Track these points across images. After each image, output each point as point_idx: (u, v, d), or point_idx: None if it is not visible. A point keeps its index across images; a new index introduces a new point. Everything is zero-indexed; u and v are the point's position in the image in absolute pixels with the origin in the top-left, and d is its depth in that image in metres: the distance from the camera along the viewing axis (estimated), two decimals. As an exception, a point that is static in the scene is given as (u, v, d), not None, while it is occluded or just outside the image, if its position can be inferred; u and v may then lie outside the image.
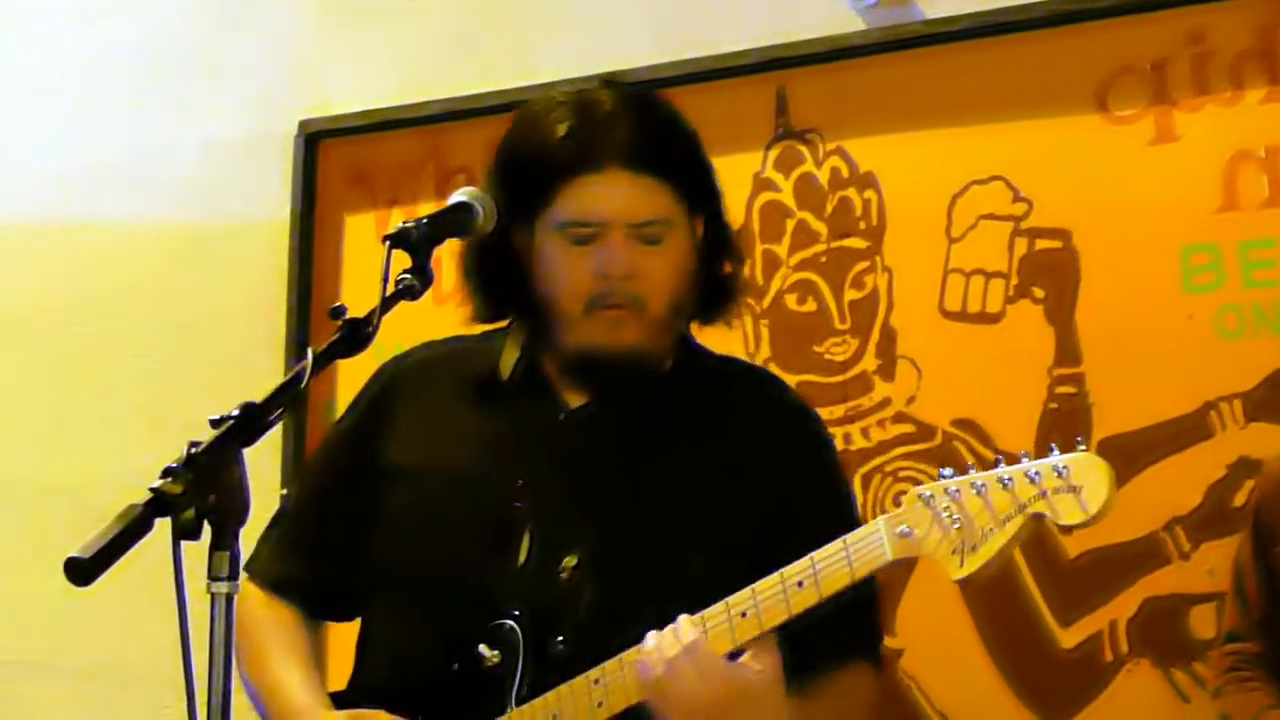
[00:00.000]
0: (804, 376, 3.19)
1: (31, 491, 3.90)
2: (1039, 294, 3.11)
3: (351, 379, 2.55)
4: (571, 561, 2.23)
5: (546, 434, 2.33)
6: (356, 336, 1.96)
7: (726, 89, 3.36)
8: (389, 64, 3.75)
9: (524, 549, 2.25)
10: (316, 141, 3.78)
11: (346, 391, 2.59)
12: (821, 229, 3.30)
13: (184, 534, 1.70)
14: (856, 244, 3.26)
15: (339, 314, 1.97)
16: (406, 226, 2.08)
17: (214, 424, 1.78)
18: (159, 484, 1.71)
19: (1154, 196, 3.02)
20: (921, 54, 3.22)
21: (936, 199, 3.20)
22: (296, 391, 1.87)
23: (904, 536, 2.02)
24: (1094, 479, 1.95)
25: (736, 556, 2.18)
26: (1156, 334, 2.99)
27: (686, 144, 2.33)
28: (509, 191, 2.27)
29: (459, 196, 2.21)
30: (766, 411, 2.38)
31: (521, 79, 3.43)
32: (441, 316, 2.49)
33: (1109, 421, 2.98)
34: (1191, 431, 2.95)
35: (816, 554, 2.06)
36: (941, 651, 3.08)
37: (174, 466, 1.72)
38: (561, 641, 2.20)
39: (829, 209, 3.29)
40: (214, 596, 1.74)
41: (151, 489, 1.71)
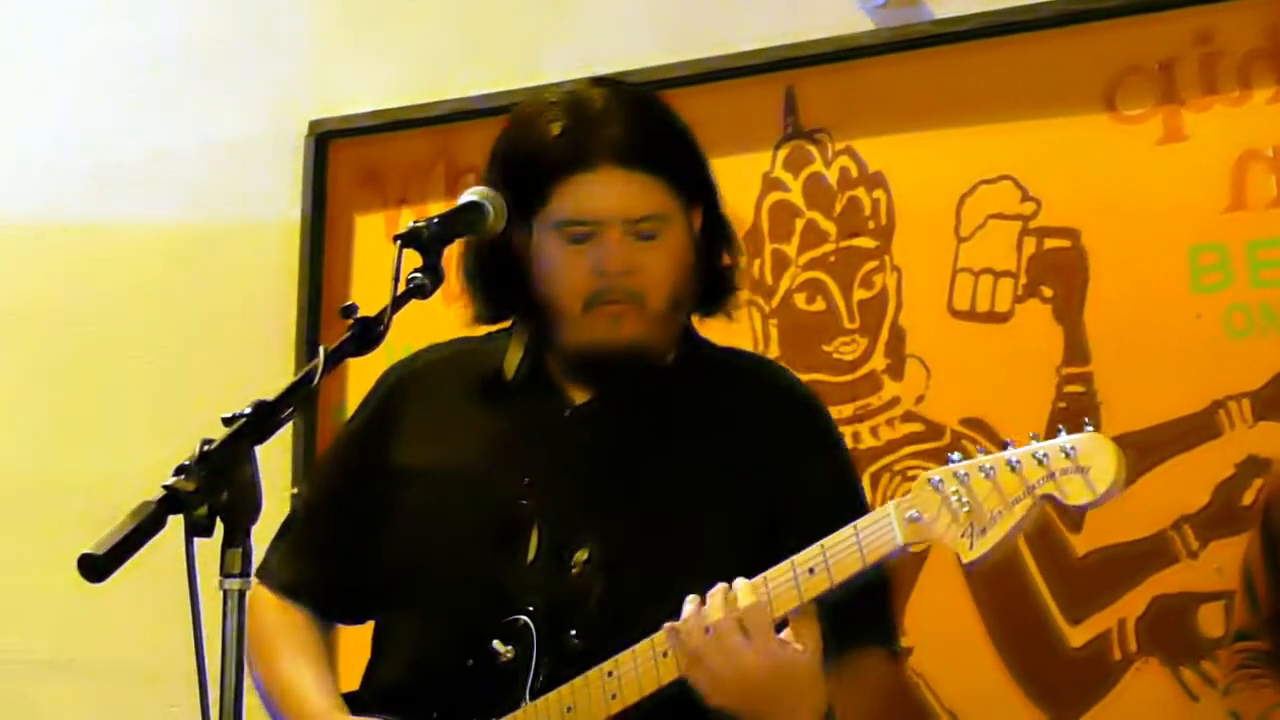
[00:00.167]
0: (813, 376, 3.19)
1: (42, 491, 3.90)
2: (1047, 293, 3.11)
3: (362, 378, 2.55)
4: (582, 556, 2.23)
5: (552, 431, 2.33)
6: (368, 335, 1.95)
7: (735, 89, 3.36)
8: (399, 64, 3.76)
9: (533, 545, 2.25)
10: (327, 142, 3.78)
11: (357, 391, 2.60)
12: (830, 228, 3.30)
13: (197, 531, 1.71)
14: (865, 243, 3.27)
15: (350, 313, 1.97)
16: (418, 226, 2.08)
17: (226, 422, 1.79)
18: (172, 481, 1.71)
19: (1162, 196, 3.03)
20: (930, 54, 3.23)
21: (945, 198, 3.21)
22: (308, 389, 1.87)
23: (914, 521, 2.01)
24: (1102, 459, 1.94)
25: (746, 546, 2.18)
26: (1165, 333, 3.00)
27: (679, 139, 2.33)
28: (505, 193, 2.28)
29: (469, 196, 2.21)
30: (772, 401, 2.38)
31: (531, 79, 3.43)
32: (451, 316, 2.50)
33: (1117, 420, 2.98)
34: (1200, 430, 2.95)
35: (827, 540, 2.05)
36: (950, 649, 3.09)
37: (187, 464, 1.72)
38: (575, 635, 2.20)
39: (838, 208, 3.30)
40: (226, 593, 1.73)
41: (165, 486, 1.71)
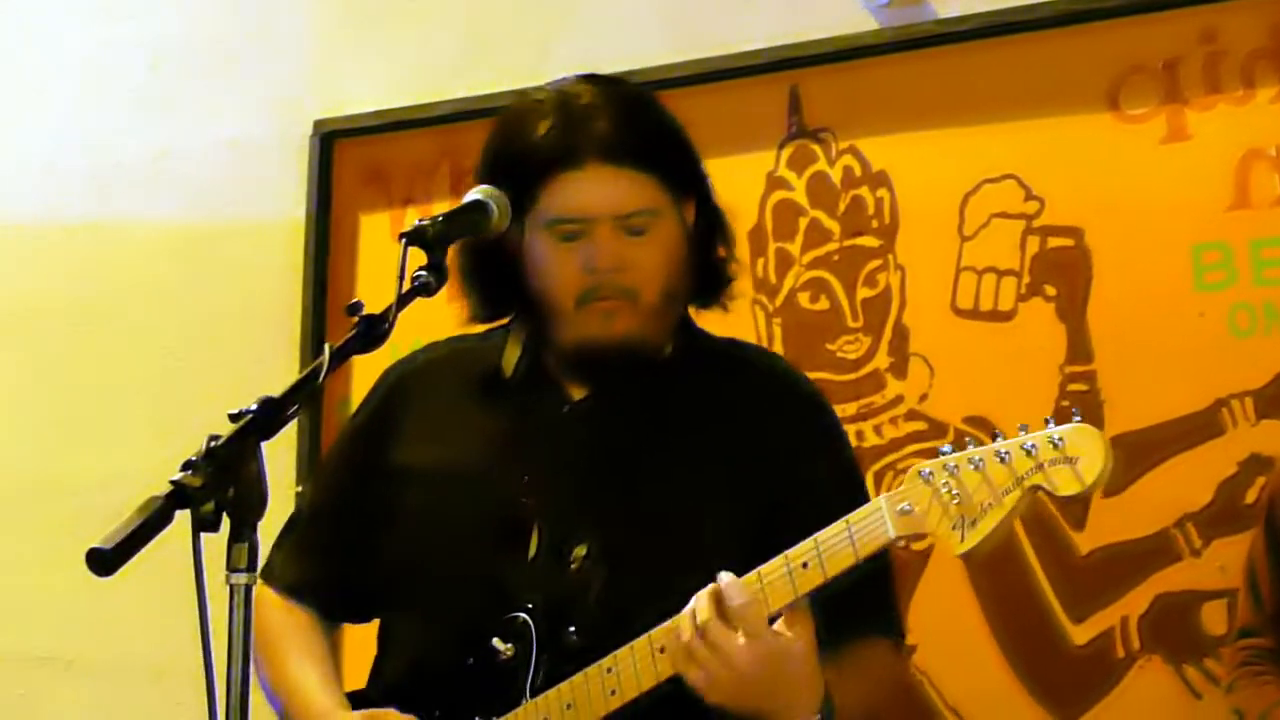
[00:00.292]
0: (817, 374, 3.18)
1: (42, 491, 3.90)
2: (1051, 292, 3.11)
3: (366, 376, 2.55)
4: (581, 552, 2.24)
5: (550, 428, 2.34)
6: (373, 333, 1.96)
7: (739, 88, 3.36)
8: (404, 64, 3.76)
9: (533, 543, 2.26)
10: (332, 141, 3.78)
11: (361, 388, 2.60)
12: (834, 227, 3.31)
13: (204, 526, 1.72)
14: (869, 242, 3.27)
15: (356, 310, 1.98)
16: (423, 224, 2.09)
17: (233, 418, 1.80)
18: (179, 476, 1.73)
19: (1165, 195, 3.03)
20: (934, 53, 3.23)
21: (949, 197, 3.21)
22: (314, 386, 1.88)
23: (905, 513, 2.02)
24: (1089, 449, 1.95)
25: (746, 539, 2.18)
26: (1168, 332, 3.00)
27: (668, 133, 2.33)
28: None
29: (474, 195, 2.22)
30: (774, 392, 2.38)
31: (535, 79, 3.38)
32: (455, 314, 2.51)
33: (1120, 419, 2.99)
34: (1203, 429, 2.96)
35: (820, 534, 2.06)
36: (954, 648, 3.09)
37: (194, 459, 1.74)
38: (574, 632, 2.20)
39: (842, 207, 3.30)
40: (233, 588, 1.74)
41: (172, 481, 1.72)
